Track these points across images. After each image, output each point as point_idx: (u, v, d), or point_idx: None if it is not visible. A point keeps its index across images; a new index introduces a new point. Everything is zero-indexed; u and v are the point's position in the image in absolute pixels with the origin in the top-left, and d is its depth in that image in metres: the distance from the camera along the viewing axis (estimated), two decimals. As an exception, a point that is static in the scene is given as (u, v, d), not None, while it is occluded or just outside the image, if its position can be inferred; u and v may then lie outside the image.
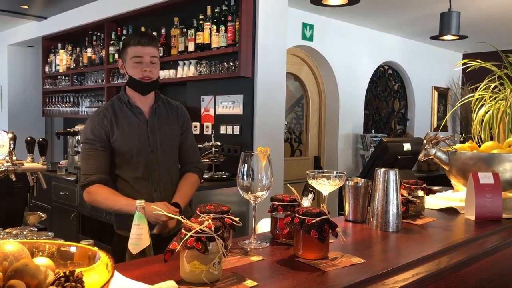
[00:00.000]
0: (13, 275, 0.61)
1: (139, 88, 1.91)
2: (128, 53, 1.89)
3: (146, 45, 1.88)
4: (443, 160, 1.84)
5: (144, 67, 1.88)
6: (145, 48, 1.88)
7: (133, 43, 1.88)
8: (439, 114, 7.16)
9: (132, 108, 1.94)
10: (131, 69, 1.89)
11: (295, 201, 1.31)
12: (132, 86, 1.92)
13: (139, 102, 1.95)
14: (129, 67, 1.90)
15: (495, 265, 1.42)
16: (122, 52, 1.95)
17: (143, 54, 1.88)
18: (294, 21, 4.79)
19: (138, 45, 1.87)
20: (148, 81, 1.90)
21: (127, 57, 1.90)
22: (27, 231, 1.71)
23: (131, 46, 1.88)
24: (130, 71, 1.90)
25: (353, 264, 1.09)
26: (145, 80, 1.89)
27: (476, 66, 2.13)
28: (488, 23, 5.26)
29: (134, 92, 1.94)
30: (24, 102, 6.52)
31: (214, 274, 0.94)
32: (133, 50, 1.88)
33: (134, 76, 1.89)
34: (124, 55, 1.92)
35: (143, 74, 1.88)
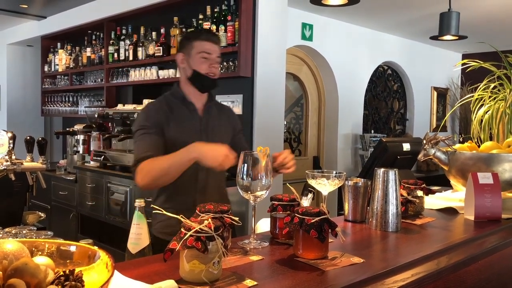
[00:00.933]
0: (13, 274, 0.61)
1: (203, 83, 1.88)
2: (195, 47, 1.85)
3: (215, 43, 1.88)
4: (443, 160, 1.84)
5: (212, 63, 1.86)
6: (214, 45, 1.87)
7: (203, 38, 1.86)
8: (438, 114, 7.16)
9: (186, 104, 1.90)
10: (198, 64, 1.85)
11: (295, 201, 1.31)
12: (195, 81, 1.87)
13: (195, 100, 1.91)
14: (195, 61, 1.85)
15: (494, 265, 1.42)
16: (185, 45, 1.89)
17: (212, 51, 1.86)
18: (294, 21, 4.79)
19: (207, 41, 1.86)
20: (213, 78, 1.88)
21: (193, 51, 1.85)
22: (27, 230, 1.71)
23: (199, 40, 1.85)
24: (195, 65, 1.85)
25: (352, 264, 1.09)
26: (210, 75, 1.87)
27: (476, 67, 2.13)
28: (487, 24, 5.26)
29: (191, 88, 1.90)
30: (23, 102, 6.51)
31: (214, 273, 0.94)
32: (202, 45, 1.85)
33: (200, 71, 1.85)
34: (188, 49, 1.87)
35: (210, 69, 1.86)
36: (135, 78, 4.42)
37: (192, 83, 1.89)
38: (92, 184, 4.08)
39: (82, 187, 4.20)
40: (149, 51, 4.21)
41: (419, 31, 5.76)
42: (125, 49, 4.51)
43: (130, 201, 3.67)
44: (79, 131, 4.65)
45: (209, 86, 1.91)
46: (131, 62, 4.44)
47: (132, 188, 3.68)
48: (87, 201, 4.14)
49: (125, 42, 4.52)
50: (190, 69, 1.87)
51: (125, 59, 4.52)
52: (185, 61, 1.88)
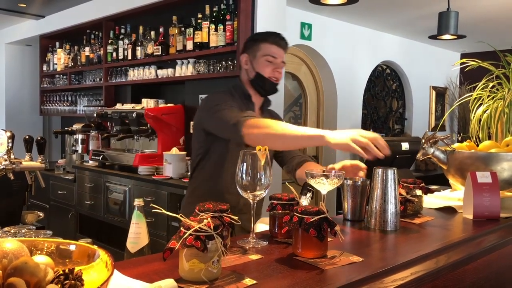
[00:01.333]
0: (13, 273, 0.61)
1: (264, 86, 1.84)
2: (261, 49, 1.82)
3: (282, 47, 1.85)
4: (441, 160, 1.84)
5: (277, 67, 1.83)
6: (280, 50, 1.84)
7: (271, 41, 1.82)
8: (437, 113, 7.17)
9: (249, 103, 1.87)
10: (262, 66, 1.82)
11: (294, 200, 1.31)
12: (256, 83, 1.85)
13: (254, 101, 1.90)
14: (259, 63, 1.82)
15: (493, 264, 1.42)
16: (251, 46, 1.86)
17: (278, 55, 1.83)
18: (293, 21, 4.80)
19: (274, 45, 1.82)
20: (275, 82, 1.85)
21: (259, 53, 1.82)
22: (26, 230, 1.71)
23: (266, 43, 1.82)
24: (259, 68, 1.83)
25: (351, 263, 1.09)
26: (273, 79, 1.84)
27: (474, 66, 2.14)
28: (486, 23, 5.27)
29: (251, 89, 1.87)
30: (22, 101, 6.50)
31: (213, 272, 0.94)
32: (268, 48, 1.82)
33: (263, 74, 1.82)
34: (254, 50, 1.84)
35: (274, 73, 1.83)
36: (133, 77, 4.41)
37: (254, 85, 1.86)
38: (91, 184, 4.08)
39: (81, 187, 4.20)
40: (148, 50, 4.21)
41: (418, 31, 5.77)
42: (124, 48, 4.51)
43: (128, 201, 3.67)
44: (78, 131, 4.65)
45: (270, 91, 1.88)
46: (130, 62, 4.43)
47: (130, 188, 3.68)
48: (85, 201, 4.13)
49: (123, 41, 4.52)
50: (253, 71, 1.84)
51: (124, 58, 4.51)
52: (249, 62, 1.86)
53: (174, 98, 4.27)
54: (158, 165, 3.72)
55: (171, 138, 3.90)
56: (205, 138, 1.84)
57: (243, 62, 1.89)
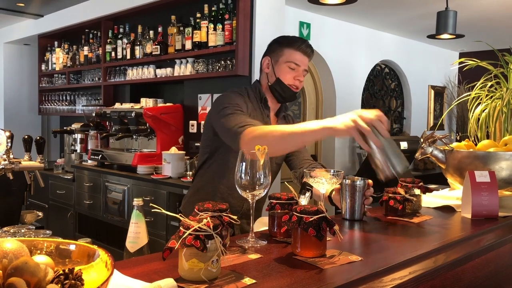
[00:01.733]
0: (13, 273, 0.62)
1: (283, 93, 1.79)
2: (285, 55, 1.77)
3: (307, 55, 1.79)
4: (440, 159, 1.84)
5: (298, 75, 1.78)
6: (305, 58, 1.79)
7: (296, 47, 1.77)
8: (435, 112, 7.18)
9: (265, 108, 1.83)
10: (284, 73, 1.77)
11: (293, 200, 1.32)
12: (275, 89, 1.79)
13: (270, 106, 1.86)
14: (280, 69, 1.77)
15: (491, 263, 1.43)
16: (275, 50, 1.81)
17: (302, 63, 1.78)
18: (291, 20, 4.80)
19: (299, 52, 1.77)
20: (295, 90, 1.80)
21: (282, 58, 1.78)
22: (25, 229, 1.71)
23: (291, 49, 1.77)
24: (280, 73, 1.78)
25: (350, 262, 1.09)
26: (293, 88, 1.79)
27: (473, 65, 2.14)
28: (484, 22, 5.28)
29: (269, 93, 1.82)
30: (20, 101, 6.50)
31: (213, 271, 0.94)
32: (292, 55, 1.76)
33: (284, 81, 1.77)
34: (276, 55, 1.79)
35: (294, 81, 1.78)
36: (132, 77, 4.41)
37: (272, 91, 1.81)
38: (90, 183, 4.08)
39: (80, 186, 4.20)
40: (147, 49, 4.20)
41: (417, 30, 5.77)
42: (123, 47, 4.51)
43: (127, 200, 3.67)
44: (77, 130, 4.64)
45: (288, 98, 1.83)
46: (129, 61, 4.43)
47: (129, 187, 3.68)
48: (84, 200, 4.13)
49: (122, 40, 4.52)
50: (274, 76, 1.79)
51: (123, 57, 4.51)
52: (271, 66, 1.80)
53: (173, 97, 4.27)
54: (157, 165, 3.72)
55: (170, 138, 3.90)
56: (212, 137, 1.80)
57: (264, 65, 1.84)
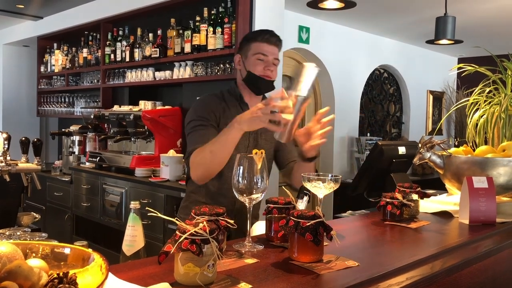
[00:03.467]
0: (6, 277, 0.61)
1: (257, 85, 1.83)
2: (252, 48, 1.81)
3: (273, 44, 1.82)
4: (438, 164, 1.84)
5: (268, 65, 1.81)
6: (271, 47, 1.81)
7: (260, 39, 1.81)
8: (434, 117, 7.19)
9: (241, 104, 1.87)
10: (254, 65, 1.81)
11: (290, 204, 1.31)
12: (249, 82, 1.84)
13: (249, 101, 1.88)
14: (250, 62, 1.82)
15: (488, 269, 1.43)
16: (243, 47, 1.86)
17: (269, 53, 1.81)
18: (291, 24, 4.81)
19: (265, 43, 1.80)
20: (268, 80, 1.83)
21: (250, 52, 1.82)
22: (21, 232, 1.70)
23: (257, 42, 1.81)
24: (250, 66, 1.81)
25: (347, 267, 1.09)
26: (266, 77, 1.82)
27: (471, 71, 2.14)
28: (483, 28, 5.29)
29: (246, 89, 1.87)
30: (19, 102, 6.49)
31: (209, 276, 0.94)
32: (259, 46, 1.80)
33: (254, 72, 1.81)
34: (245, 50, 1.83)
35: (265, 72, 1.81)
36: (131, 79, 4.41)
37: (247, 84, 1.85)
38: (88, 185, 4.07)
39: (78, 188, 4.19)
40: (146, 52, 4.20)
41: (415, 35, 5.79)
42: (122, 50, 4.51)
43: (125, 203, 3.66)
44: (75, 132, 4.64)
45: (264, 89, 1.87)
46: (128, 63, 4.43)
47: (127, 190, 3.67)
48: (82, 202, 4.12)
49: (121, 43, 4.52)
50: (245, 71, 1.83)
51: (122, 60, 4.51)
52: (242, 62, 1.85)
53: (171, 100, 4.27)
54: (155, 167, 3.71)
55: (168, 140, 3.89)
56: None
57: (236, 63, 1.89)
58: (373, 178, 2.21)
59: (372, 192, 2.27)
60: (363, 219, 1.73)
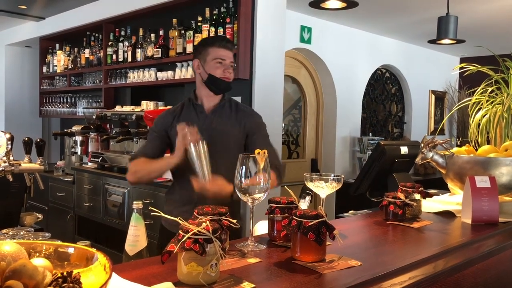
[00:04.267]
0: (11, 276, 0.61)
1: (217, 85, 2.00)
2: (211, 53, 1.98)
3: (229, 49, 2.01)
4: (440, 164, 1.84)
5: (226, 68, 2.00)
6: (228, 52, 2.01)
7: (218, 45, 1.99)
8: (436, 117, 7.18)
9: (195, 106, 2.06)
10: (214, 68, 1.98)
11: (293, 204, 1.31)
12: (210, 84, 2.00)
13: (206, 101, 2.05)
14: (209, 66, 1.99)
15: (491, 269, 1.42)
16: (201, 52, 2.02)
17: (226, 57, 1.99)
18: (293, 24, 4.80)
19: (222, 48, 1.99)
20: (228, 81, 2.01)
21: (209, 57, 1.98)
22: (24, 232, 1.71)
23: (214, 47, 1.99)
24: (210, 70, 1.99)
25: (350, 267, 1.09)
26: (225, 79, 2.00)
27: (473, 70, 2.14)
28: (485, 28, 5.28)
29: (206, 90, 2.03)
30: (21, 103, 6.50)
31: (211, 276, 0.94)
32: (216, 52, 1.98)
33: (215, 75, 1.98)
34: (203, 55, 2.00)
35: (224, 74, 1.99)
36: (133, 79, 4.42)
37: (208, 86, 2.01)
38: (90, 186, 4.07)
39: (80, 189, 4.20)
40: (148, 52, 4.21)
41: (418, 35, 5.78)
42: (124, 50, 4.51)
43: (127, 203, 3.66)
44: (77, 132, 4.64)
45: (224, 89, 2.03)
46: (130, 64, 4.43)
47: (129, 190, 3.67)
48: (84, 203, 4.13)
49: (123, 43, 4.52)
50: (206, 74, 2.00)
51: (124, 60, 4.52)
52: (201, 67, 2.01)
53: (173, 100, 4.27)
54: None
55: (170, 141, 3.89)
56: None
57: (195, 67, 2.05)
58: (375, 178, 2.21)
59: (374, 192, 2.26)
60: (366, 219, 1.73)
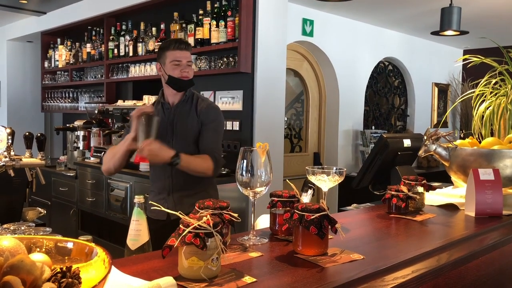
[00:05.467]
0: (9, 271, 0.61)
1: (178, 85, 2.19)
2: (168, 57, 2.17)
3: (184, 49, 2.18)
4: (443, 156, 1.83)
5: (183, 68, 2.17)
6: (183, 52, 2.17)
7: (172, 47, 2.16)
8: (439, 110, 7.15)
9: (163, 104, 2.26)
10: (172, 70, 2.16)
11: (295, 197, 1.30)
12: (171, 84, 2.19)
13: (170, 99, 2.25)
14: (168, 68, 2.17)
15: (495, 261, 1.42)
16: (160, 56, 2.21)
17: (181, 58, 2.17)
18: (294, 17, 4.78)
19: (177, 50, 2.16)
20: (186, 80, 2.19)
21: (167, 60, 2.17)
22: (25, 227, 1.71)
23: (170, 50, 2.17)
24: (169, 71, 2.17)
25: (352, 261, 1.08)
26: (183, 78, 2.17)
27: (477, 62, 2.12)
28: (489, 19, 5.24)
29: (169, 89, 2.22)
30: (23, 98, 6.51)
31: (213, 270, 0.93)
32: (173, 54, 2.16)
33: (174, 75, 2.17)
34: (163, 58, 2.19)
35: (182, 74, 2.17)
36: (135, 74, 4.41)
37: (170, 86, 2.21)
38: (92, 180, 4.08)
39: (82, 183, 4.20)
40: (149, 46, 4.19)
41: (420, 27, 5.74)
42: (125, 45, 4.50)
43: (130, 197, 3.67)
44: (79, 127, 4.64)
45: (184, 87, 2.22)
46: (131, 58, 4.42)
47: (132, 184, 3.67)
48: (87, 197, 4.14)
49: (125, 37, 4.51)
50: (166, 75, 2.19)
51: (125, 55, 4.50)
52: (162, 69, 2.21)
53: (175, 94, 4.26)
54: (119, 170, 3.70)
55: (172, 135, 3.88)
56: None
57: (158, 70, 2.25)
58: (378, 171, 2.20)
59: (377, 185, 2.25)
60: (368, 212, 1.73)
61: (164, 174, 2.20)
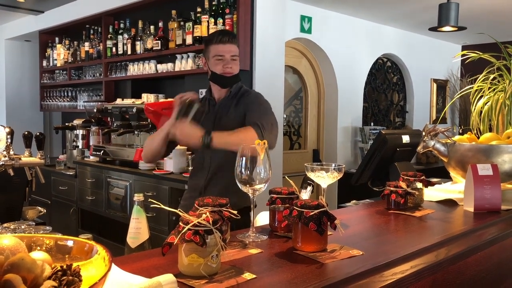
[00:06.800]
0: (9, 269, 0.61)
1: (221, 82, 2.10)
2: (211, 51, 2.06)
3: (227, 43, 2.04)
4: (442, 152, 1.83)
5: (226, 63, 2.05)
6: (226, 46, 2.04)
7: (215, 41, 2.05)
8: (438, 106, 7.15)
9: (209, 100, 2.19)
10: (214, 65, 2.07)
11: (294, 194, 1.31)
12: (214, 81, 2.12)
13: (216, 94, 2.17)
14: (211, 63, 2.08)
15: (494, 256, 1.42)
16: (204, 50, 2.12)
17: (224, 52, 2.04)
18: (292, 14, 4.77)
19: (220, 43, 2.04)
20: (230, 76, 2.08)
21: (210, 54, 2.07)
22: (25, 226, 1.71)
23: (213, 44, 2.05)
24: (212, 67, 2.08)
25: (351, 256, 1.08)
26: (226, 74, 2.07)
27: (475, 58, 2.12)
28: (487, 14, 5.24)
29: (214, 85, 2.15)
30: (22, 97, 6.50)
31: (212, 267, 0.94)
32: (216, 49, 2.05)
33: (216, 71, 2.07)
34: (207, 53, 2.10)
35: (224, 70, 2.06)
36: (133, 72, 4.40)
37: (213, 82, 2.14)
38: (92, 179, 4.08)
39: (82, 182, 4.20)
40: (148, 45, 4.19)
41: (418, 23, 5.74)
42: (123, 43, 4.49)
43: (129, 196, 3.67)
44: (78, 126, 4.64)
45: (227, 84, 2.11)
46: (130, 56, 4.42)
47: (131, 183, 3.68)
48: (87, 196, 4.14)
49: (123, 36, 4.50)
50: (210, 71, 2.11)
51: (124, 53, 4.50)
52: (206, 64, 2.13)
53: (174, 92, 4.22)
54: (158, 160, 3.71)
55: (171, 133, 3.89)
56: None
57: (203, 65, 2.17)
58: (377, 167, 2.20)
59: (376, 182, 2.26)
60: (367, 208, 1.73)
61: (202, 168, 2.12)
